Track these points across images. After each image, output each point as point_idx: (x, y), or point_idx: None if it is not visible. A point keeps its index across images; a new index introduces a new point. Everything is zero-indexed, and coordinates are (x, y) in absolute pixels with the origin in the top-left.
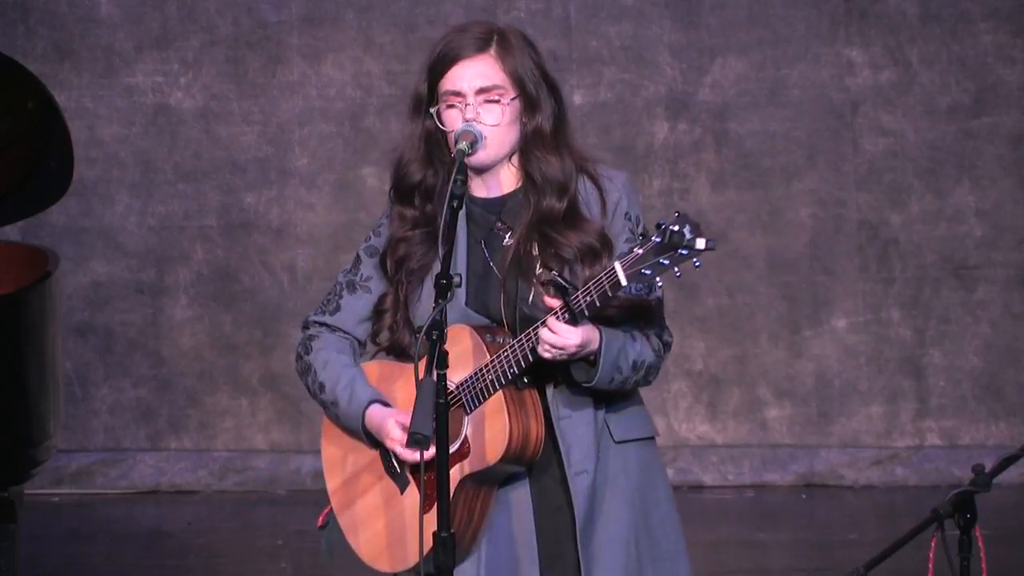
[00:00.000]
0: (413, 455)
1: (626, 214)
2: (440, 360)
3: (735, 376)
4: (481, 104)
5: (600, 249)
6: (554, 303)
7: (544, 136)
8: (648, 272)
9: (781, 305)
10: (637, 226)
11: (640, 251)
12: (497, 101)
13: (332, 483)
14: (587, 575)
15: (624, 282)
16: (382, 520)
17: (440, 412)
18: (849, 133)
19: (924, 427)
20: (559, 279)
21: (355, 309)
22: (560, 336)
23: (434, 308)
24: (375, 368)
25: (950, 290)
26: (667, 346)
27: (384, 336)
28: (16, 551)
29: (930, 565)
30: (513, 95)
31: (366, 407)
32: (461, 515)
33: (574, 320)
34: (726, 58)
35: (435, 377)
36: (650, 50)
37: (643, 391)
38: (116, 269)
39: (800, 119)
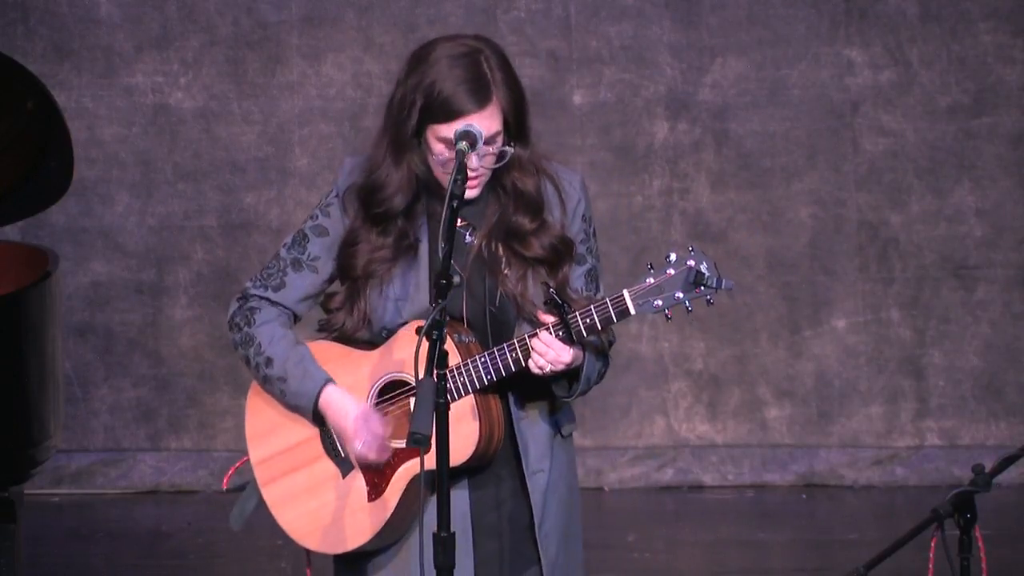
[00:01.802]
0: (379, 455)
1: (583, 216)
2: (440, 360)
3: (735, 376)
4: (480, 150)
5: (563, 253)
6: (548, 319)
7: (521, 160)
8: (659, 303)
9: (781, 305)
10: (590, 227)
11: (653, 282)
12: (489, 152)
13: (258, 454)
14: (543, 567)
15: (633, 311)
16: (317, 500)
17: (440, 412)
18: (849, 133)
19: (924, 427)
20: (556, 297)
21: (299, 287)
22: (555, 352)
23: (434, 308)
24: (319, 348)
25: (950, 290)
26: (611, 345)
27: (332, 329)
28: (16, 551)
29: (930, 565)
30: (506, 139)
31: (322, 387)
32: (404, 509)
33: (570, 339)
34: (726, 58)
35: (435, 377)
36: (650, 50)
37: (642, 389)
38: (116, 269)
39: (800, 119)
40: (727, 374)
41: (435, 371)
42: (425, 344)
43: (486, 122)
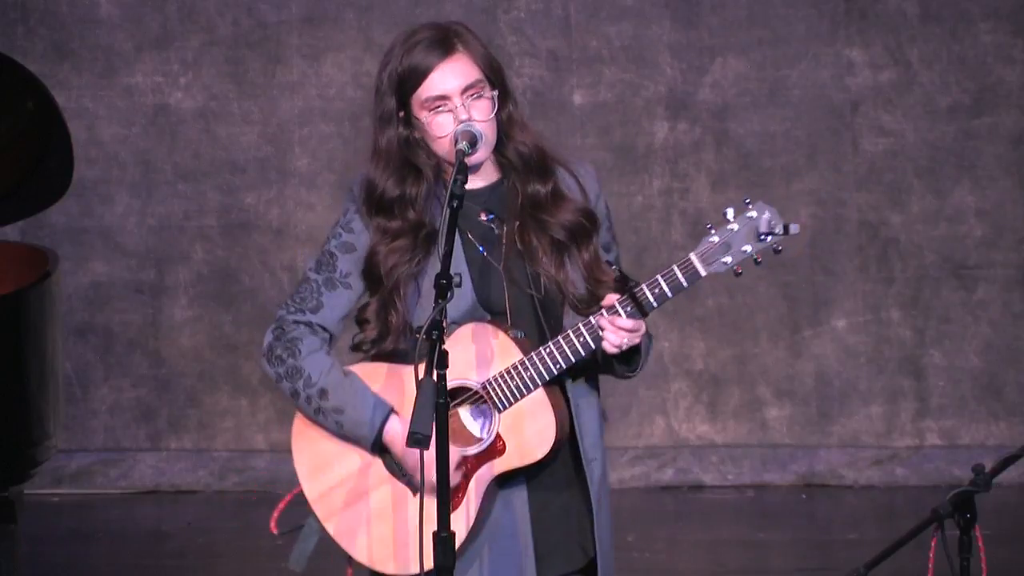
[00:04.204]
0: (455, 476)
1: (606, 205)
2: (440, 360)
3: (735, 376)
4: (469, 102)
5: (589, 225)
6: (612, 299)
7: (516, 119)
8: (729, 260)
9: (781, 305)
10: (610, 213)
11: (718, 240)
12: (481, 96)
13: (315, 489)
14: (599, 558)
15: (703, 272)
16: (389, 523)
17: (440, 412)
18: (849, 133)
19: (924, 427)
20: (620, 272)
21: (336, 306)
22: (631, 326)
23: (434, 308)
24: (363, 370)
25: (950, 290)
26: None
27: (367, 347)
28: (16, 551)
29: (930, 565)
30: (491, 88)
31: (385, 418)
32: (485, 514)
33: (641, 312)
34: (726, 58)
35: (435, 377)
36: (650, 50)
37: (642, 389)
38: (116, 269)
39: (800, 119)
40: (727, 374)
41: (435, 371)
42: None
43: (458, 68)
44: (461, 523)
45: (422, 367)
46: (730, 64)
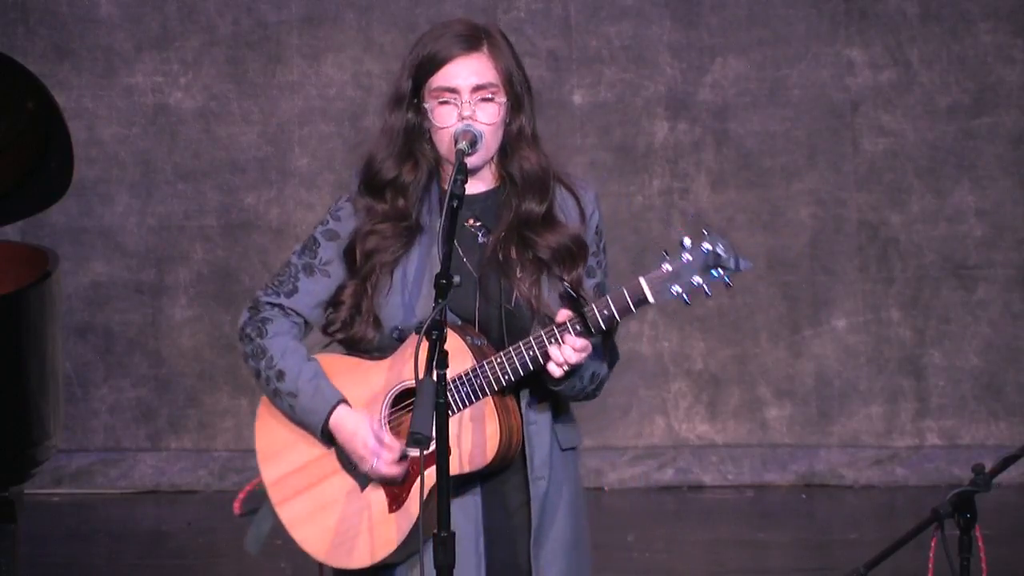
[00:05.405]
0: (395, 469)
1: (597, 228)
2: (440, 360)
3: (735, 376)
4: (477, 102)
5: (576, 253)
6: (564, 315)
7: (526, 135)
8: (678, 290)
9: (781, 305)
10: (601, 240)
11: (670, 268)
12: (491, 99)
13: (271, 473)
14: None
15: (652, 299)
16: (336, 515)
17: (440, 412)
18: (849, 133)
19: (924, 427)
20: (571, 291)
21: (313, 292)
22: (579, 346)
23: (434, 308)
24: (327, 361)
25: (950, 290)
26: (614, 364)
27: (336, 328)
28: (16, 551)
29: (930, 565)
30: (504, 94)
31: (333, 407)
32: (427, 516)
33: (588, 332)
34: (726, 58)
35: (435, 377)
36: (650, 50)
37: (642, 389)
38: (116, 269)
39: (800, 119)
40: (727, 374)
41: (435, 371)
42: (425, 344)
43: (475, 66)
44: (404, 522)
45: (419, 367)
46: (730, 64)
